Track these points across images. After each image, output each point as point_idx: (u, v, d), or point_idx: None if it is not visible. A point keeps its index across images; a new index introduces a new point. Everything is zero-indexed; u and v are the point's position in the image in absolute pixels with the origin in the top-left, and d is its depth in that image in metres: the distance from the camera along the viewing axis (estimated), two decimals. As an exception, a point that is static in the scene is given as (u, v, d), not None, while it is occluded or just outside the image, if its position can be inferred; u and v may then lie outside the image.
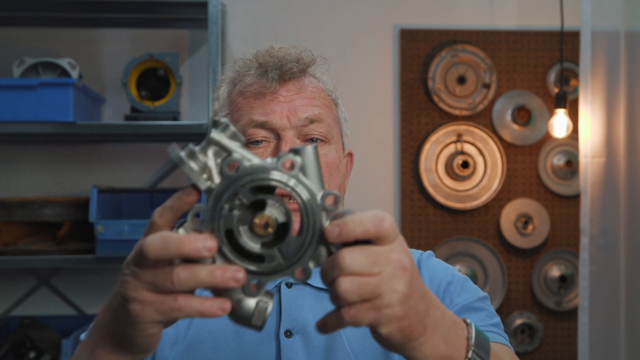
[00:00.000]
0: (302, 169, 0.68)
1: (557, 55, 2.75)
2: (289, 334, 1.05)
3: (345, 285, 0.65)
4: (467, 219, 2.77)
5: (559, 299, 2.77)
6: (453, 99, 2.75)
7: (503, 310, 2.75)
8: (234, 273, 0.65)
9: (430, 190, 2.73)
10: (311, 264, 0.68)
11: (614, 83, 2.33)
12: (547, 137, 2.75)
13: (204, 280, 0.65)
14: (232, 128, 0.69)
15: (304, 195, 0.67)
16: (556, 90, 2.74)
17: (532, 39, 2.79)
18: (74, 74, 2.39)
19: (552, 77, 2.78)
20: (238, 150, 0.68)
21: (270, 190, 0.67)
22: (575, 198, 2.74)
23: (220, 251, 0.67)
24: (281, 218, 0.67)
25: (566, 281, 2.76)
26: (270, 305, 0.69)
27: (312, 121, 1.08)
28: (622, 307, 2.32)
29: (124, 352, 0.73)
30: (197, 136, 2.50)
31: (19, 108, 2.27)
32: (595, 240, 2.32)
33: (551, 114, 2.69)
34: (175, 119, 2.42)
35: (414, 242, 2.73)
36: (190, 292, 0.67)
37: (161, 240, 0.66)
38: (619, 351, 2.32)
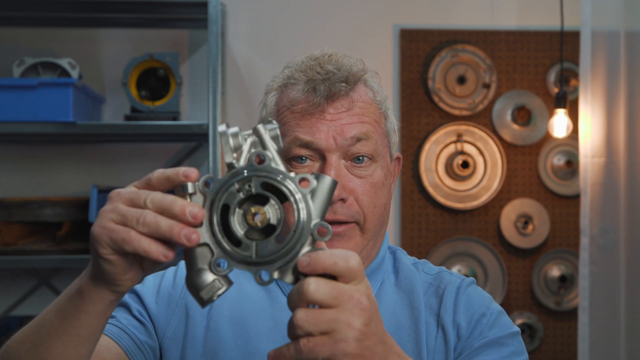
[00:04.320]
0: (313, 192, 0.74)
1: (557, 55, 2.75)
2: None
3: (302, 314, 0.71)
4: (467, 219, 2.77)
5: (559, 299, 2.77)
6: (453, 99, 2.75)
7: (503, 310, 2.75)
8: (189, 232, 0.72)
9: (430, 190, 2.73)
10: (275, 274, 0.73)
11: (614, 83, 2.33)
12: (547, 137, 2.75)
13: (163, 229, 0.72)
14: (277, 131, 0.76)
15: (302, 213, 0.73)
16: (556, 90, 2.74)
17: (532, 39, 2.79)
18: (74, 74, 2.39)
19: (552, 77, 2.78)
20: (272, 151, 0.75)
21: (279, 195, 0.74)
22: (575, 198, 2.74)
23: (210, 221, 0.73)
24: (274, 220, 0.73)
25: (566, 281, 2.76)
26: (223, 290, 0.74)
27: (358, 140, 1.05)
28: (622, 307, 2.33)
29: (97, 280, 0.79)
30: (198, 136, 2.50)
31: (19, 108, 2.27)
32: (595, 240, 2.32)
33: (551, 114, 2.69)
34: (175, 119, 2.42)
35: (414, 242, 2.73)
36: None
37: (160, 200, 0.74)
38: (619, 351, 2.32)
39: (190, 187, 0.74)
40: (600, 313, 2.31)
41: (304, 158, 1.05)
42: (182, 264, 1.15)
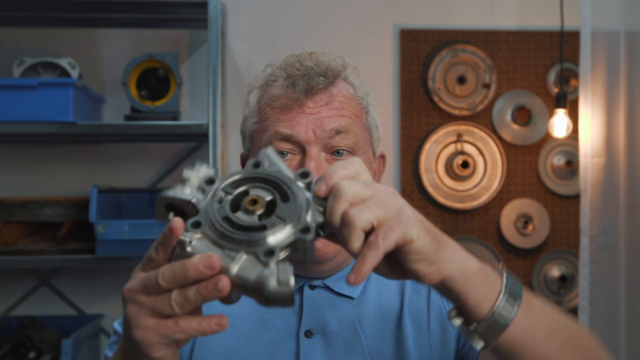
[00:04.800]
0: (269, 165, 0.75)
1: (557, 55, 2.75)
2: (309, 334, 1.06)
3: (354, 211, 0.68)
4: (467, 219, 2.77)
5: (559, 299, 2.77)
6: (453, 99, 2.75)
7: (503, 310, 2.75)
8: (215, 283, 0.68)
9: (430, 190, 2.73)
10: (310, 220, 0.71)
11: (614, 83, 2.33)
12: (547, 137, 2.75)
13: (194, 299, 0.69)
14: (203, 168, 0.76)
15: (275, 174, 0.74)
16: (556, 90, 2.74)
17: (532, 39, 2.79)
18: (74, 74, 2.39)
19: (552, 77, 2.78)
20: (208, 171, 0.76)
21: (252, 181, 0.75)
22: (575, 198, 2.74)
23: (231, 241, 0.70)
24: (268, 195, 0.73)
25: (566, 281, 2.76)
26: (291, 266, 0.70)
27: (338, 132, 1.07)
28: (622, 307, 2.32)
29: None
30: (198, 136, 2.50)
31: (19, 108, 2.26)
32: (595, 240, 2.32)
33: (551, 114, 2.69)
34: (175, 119, 2.42)
35: (414, 242, 2.73)
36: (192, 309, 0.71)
37: (171, 273, 0.70)
38: (619, 351, 2.32)
39: (186, 238, 0.70)
40: (600, 313, 2.31)
41: (284, 153, 1.07)
42: None
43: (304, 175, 0.73)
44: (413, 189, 2.75)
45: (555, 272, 2.78)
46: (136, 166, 2.66)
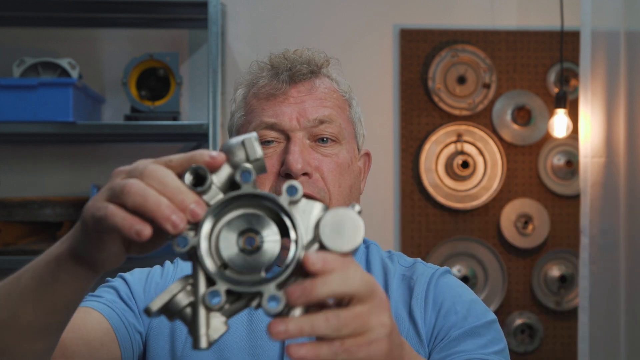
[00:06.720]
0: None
1: (557, 55, 2.75)
2: None
3: (336, 317, 0.63)
4: (467, 219, 2.77)
5: (559, 299, 2.77)
6: (453, 99, 2.75)
7: (503, 310, 2.75)
8: (179, 218, 0.62)
9: (430, 190, 2.73)
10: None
11: (614, 83, 2.33)
12: (547, 137, 2.75)
13: (150, 204, 0.62)
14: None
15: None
16: (556, 90, 2.74)
17: (532, 39, 2.79)
18: (74, 74, 2.39)
19: (552, 77, 2.78)
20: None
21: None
22: (575, 198, 2.74)
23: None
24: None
25: (566, 281, 2.76)
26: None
27: (322, 122, 1.09)
28: (622, 307, 2.32)
29: (75, 255, 0.74)
30: (198, 136, 2.50)
31: (19, 108, 2.27)
32: (595, 240, 2.32)
33: (551, 114, 2.69)
34: (175, 119, 2.42)
35: (414, 242, 2.73)
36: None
37: (163, 170, 0.64)
38: (619, 351, 2.32)
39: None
40: (600, 313, 2.31)
41: (270, 141, 1.08)
42: (166, 263, 1.17)
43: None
44: (413, 189, 2.75)
45: (555, 272, 2.78)
46: (136, 166, 2.66)
